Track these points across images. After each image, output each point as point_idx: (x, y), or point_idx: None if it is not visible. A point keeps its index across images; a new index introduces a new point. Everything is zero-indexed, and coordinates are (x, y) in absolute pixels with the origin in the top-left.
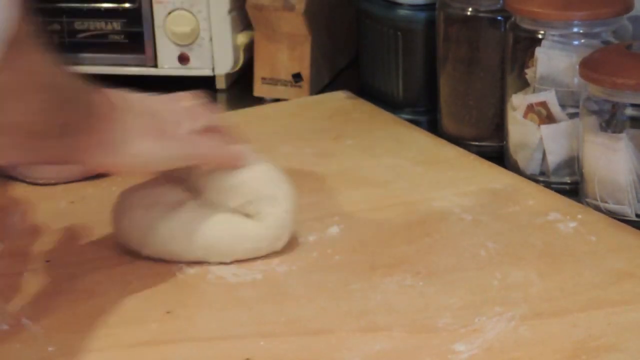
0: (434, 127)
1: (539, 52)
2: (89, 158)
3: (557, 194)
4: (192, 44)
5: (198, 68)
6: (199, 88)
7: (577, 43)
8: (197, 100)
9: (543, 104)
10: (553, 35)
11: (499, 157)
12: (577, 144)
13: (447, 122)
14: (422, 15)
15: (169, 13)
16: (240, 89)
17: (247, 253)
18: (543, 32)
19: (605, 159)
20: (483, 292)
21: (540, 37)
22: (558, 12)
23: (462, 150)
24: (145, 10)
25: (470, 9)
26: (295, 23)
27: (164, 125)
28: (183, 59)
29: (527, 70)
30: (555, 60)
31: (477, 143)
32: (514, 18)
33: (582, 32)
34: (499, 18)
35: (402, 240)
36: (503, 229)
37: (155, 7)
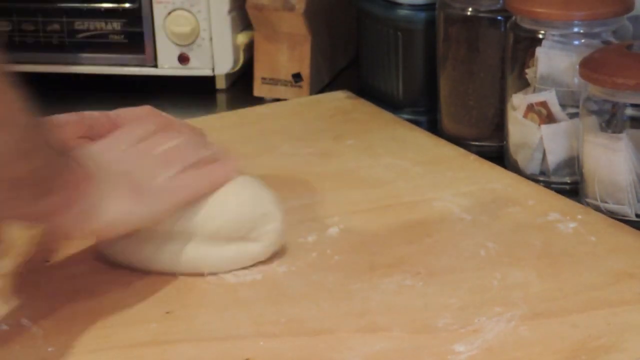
0: (434, 127)
1: (539, 52)
2: (64, 222)
3: (557, 194)
4: (192, 44)
5: (198, 68)
6: (199, 88)
7: (577, 43)
8: (178, 138)
9: (543, 104)
10: (553, 35)
11: (499, 157)
12: (577, 144)
13: (447, 122)
14: (422, 15)
15: (169, 13)
16: (240, 89)
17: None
18: (543, 32)
19: (605, 159)
20: (483, 292)
21: (541, 37)
22: (558, 12)
23: (462, 150)
24: (145, 10)
25: (471, 9)
26: (295, 23)
27: (139, 182)
28: (183, 59)
29: (527, 70)
30: (556, 60)
31: (477, 143)
32: (514, 18)
33: (582, 32)
34: (499, 18)
35: (402, 241)
36: (503, 229)
37: (155, 7)
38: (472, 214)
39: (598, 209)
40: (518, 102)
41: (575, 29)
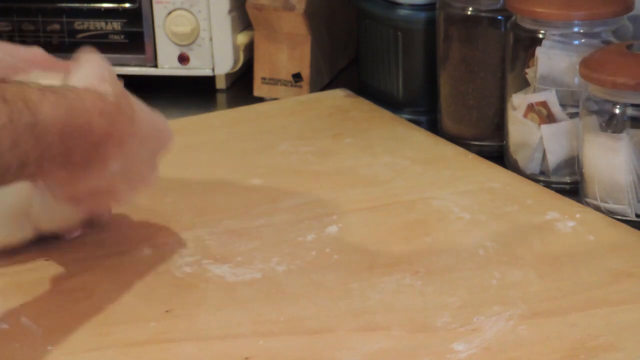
0: (434, 126)
1: (540, 51)
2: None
3: (555, 194)
4: (192, 44)
5: (198, 68)
6: (199, 88)
7: (577, 43)
8: None
9: (543, 104)
10: (553, 35)
11: (499, 156)
12: (577, 144)
13: (447, 121)
14: (422, 15)
15: (169, 13)
16: (240, 89)
17: None
18: (543, 31)
19: (605, 159)
20: (482, 291)
21: (541, 36)
22: (558, 11)
23: (461, 149)
24: (145, 10)
25: (471, 9)
26: (295, 23)
27: None
28: (183, 59)
29: (527, 70)
30: (556, 60)
31: (477, 143)
32: (515, 18)
33: (582, 31)
34: (500, 18)
35: (400, 240)
36: (502, 229)
37: (155, 7)
38: (471, 213)
39: (598, 209)
40: (518, 101)
41: (576, 29)
